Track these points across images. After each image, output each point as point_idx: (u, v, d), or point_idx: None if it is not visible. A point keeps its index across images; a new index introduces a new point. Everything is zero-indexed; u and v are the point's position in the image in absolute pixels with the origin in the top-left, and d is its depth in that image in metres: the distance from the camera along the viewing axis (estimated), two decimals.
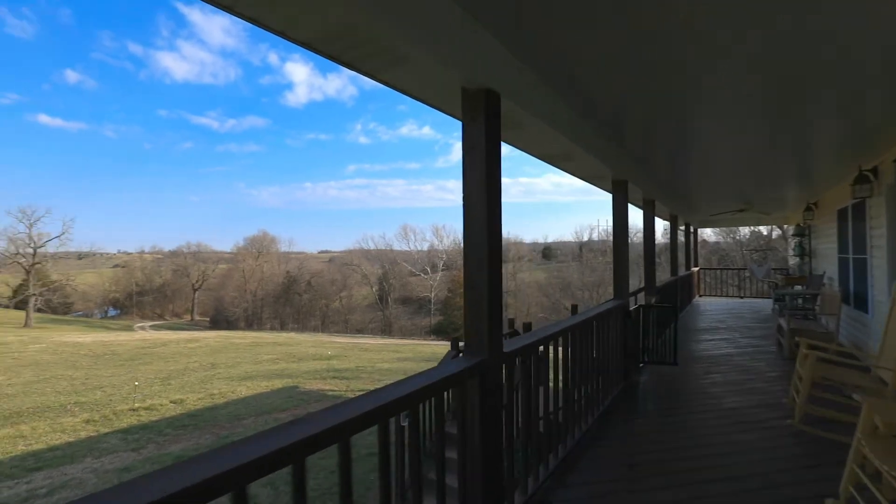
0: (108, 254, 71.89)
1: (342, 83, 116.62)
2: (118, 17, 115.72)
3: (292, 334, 39.45)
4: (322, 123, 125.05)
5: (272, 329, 43.61)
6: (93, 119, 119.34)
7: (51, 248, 44.08)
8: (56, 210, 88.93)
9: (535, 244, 60.22)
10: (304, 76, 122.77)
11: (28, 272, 43.15)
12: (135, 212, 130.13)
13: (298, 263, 51.44)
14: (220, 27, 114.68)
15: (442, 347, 27.66)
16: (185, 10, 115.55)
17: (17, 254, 43.48)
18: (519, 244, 51.39)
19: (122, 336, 30.56)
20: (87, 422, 10.39)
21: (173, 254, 57.27)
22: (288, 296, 45.06)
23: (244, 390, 13.01)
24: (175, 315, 54.23)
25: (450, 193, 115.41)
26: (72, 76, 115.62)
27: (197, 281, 53.20)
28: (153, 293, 54.59)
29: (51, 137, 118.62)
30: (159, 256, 60.77)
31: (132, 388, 13.06)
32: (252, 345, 24.59)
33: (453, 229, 50.12)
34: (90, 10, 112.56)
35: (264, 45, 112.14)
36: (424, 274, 45.52)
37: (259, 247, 50.76)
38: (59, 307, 47.92)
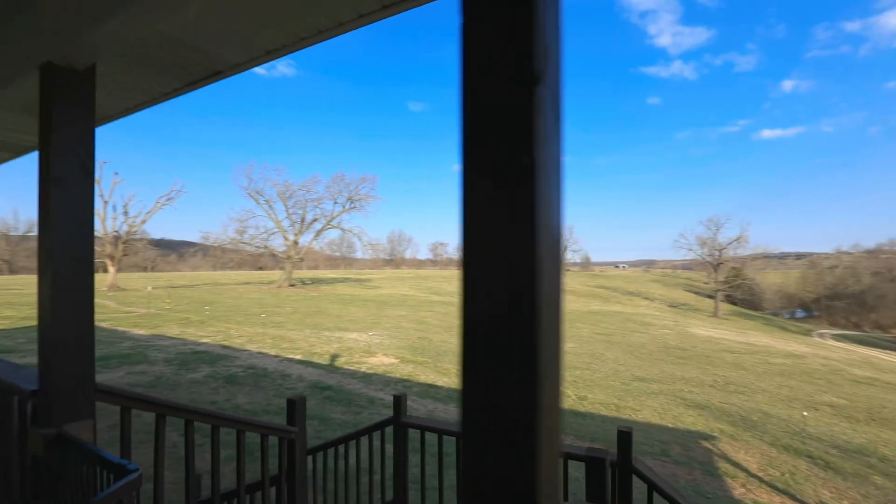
0: (809, 253, 66.65)
1: None
2: (831, 3, 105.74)
3: None
4: None
5: None
6: (810, 119, 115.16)
7: (730, 252, 47.47)
8: (750, 216, 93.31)
9: None
10: None
11: (715, 270, 48.87)
12: (838, 208, 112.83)
13: None
14: None
15: None
16: None
17: (709, 255, 50.39)
18: None
19: (758, 338, 28.20)
20: None
21: (871, 253, 44.74)
22: None
23: (668, 416, 9.39)
24: (878, 327, 42.28)
25: None
26: (787, 85, 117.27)
27: None
28: (848, 298, 45.34)
29: (768, 149, 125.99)
30: (863, 256, 49.32)
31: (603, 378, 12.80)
32: (870, 382, 15.68)
33: None
34: (802, 13, 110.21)
35: None
36: None
37: None
38: (742, 302, 50.28)
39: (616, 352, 17.03)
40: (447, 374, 11.42)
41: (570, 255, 73.38)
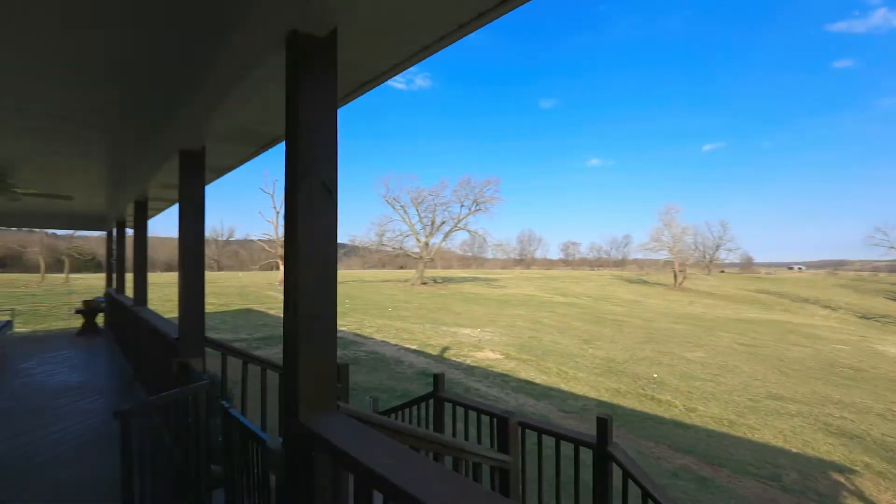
0: None
1: None
2: None
3: None
4: None
5: None
6: None
7: None
8: None
9: None
10: None
11: None
12: None
13: None
14: None
15: None
16: None
17: None
18: None
19: None
20: (614, 390, 11.27)
21: None
22: None
23: (797, 441, 8.19)
24: None
25: None
26: None
27: None
28: None
29: None
30: None
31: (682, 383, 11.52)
32: None
33: None
34: None
35: None
36: None
37: None
38: None
39: (756, 365, 14.94)
40: (547, 372, 11.63)
41: (724, 255, 63.92)
